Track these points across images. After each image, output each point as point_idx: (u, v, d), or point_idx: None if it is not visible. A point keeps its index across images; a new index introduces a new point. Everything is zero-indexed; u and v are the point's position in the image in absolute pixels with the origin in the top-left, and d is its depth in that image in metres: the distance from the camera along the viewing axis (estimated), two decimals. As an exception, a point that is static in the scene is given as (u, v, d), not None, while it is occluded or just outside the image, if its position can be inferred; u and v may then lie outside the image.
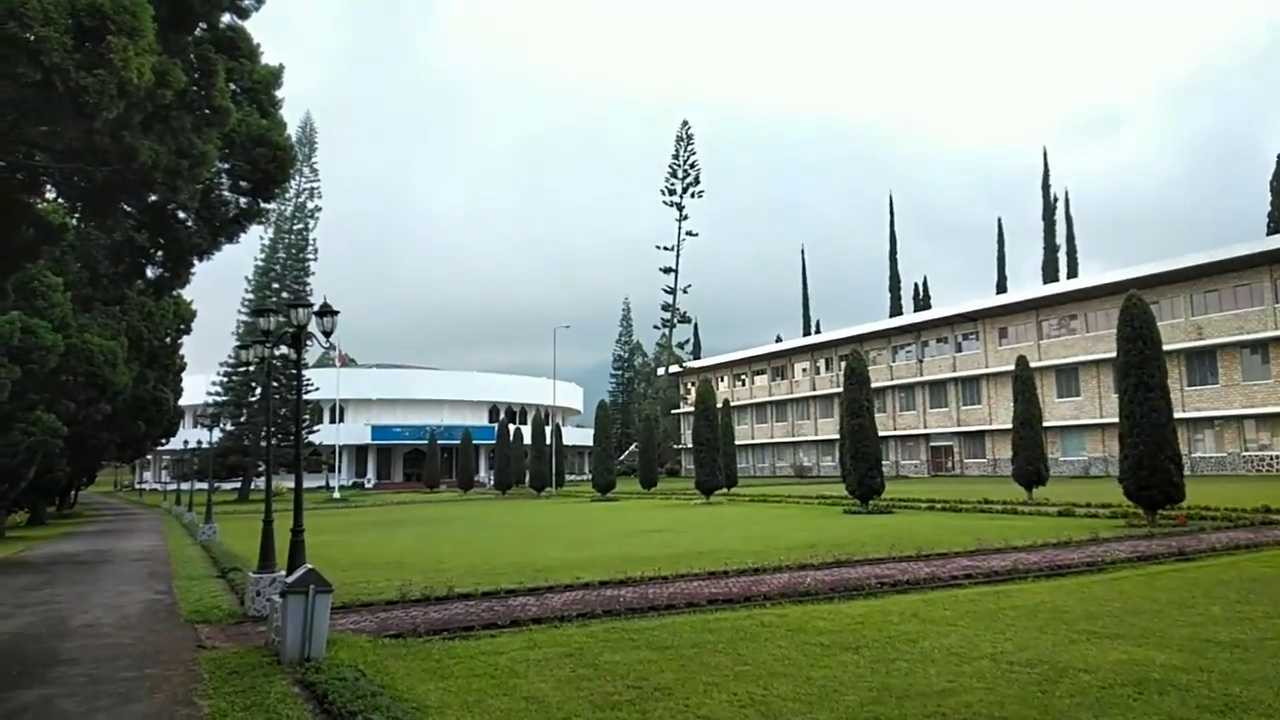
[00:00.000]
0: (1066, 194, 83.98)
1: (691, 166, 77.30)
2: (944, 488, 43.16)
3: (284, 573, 10.41)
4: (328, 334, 8.37)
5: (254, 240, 60.29)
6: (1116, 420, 58.10)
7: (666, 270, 76.88)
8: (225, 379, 58.45)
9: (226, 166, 9.83)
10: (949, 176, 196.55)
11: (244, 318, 59.48)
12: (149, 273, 12.32)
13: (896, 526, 21.19)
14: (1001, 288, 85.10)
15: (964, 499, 29.31)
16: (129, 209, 10.60)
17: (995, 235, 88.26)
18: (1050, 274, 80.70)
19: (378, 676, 6.72)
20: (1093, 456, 57.30)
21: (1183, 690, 6.02)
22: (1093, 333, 57.56)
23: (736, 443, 57.34)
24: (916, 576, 11.80)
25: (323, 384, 63.25)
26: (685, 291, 77.38)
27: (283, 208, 60.77)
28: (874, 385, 71.07)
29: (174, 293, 23.64)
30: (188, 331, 29.28)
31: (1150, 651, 7.25)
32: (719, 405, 39.11)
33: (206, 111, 9.61)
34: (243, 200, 10.40)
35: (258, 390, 58.55)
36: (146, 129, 9.04)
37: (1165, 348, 54.48)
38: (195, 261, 10.88)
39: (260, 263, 60.14)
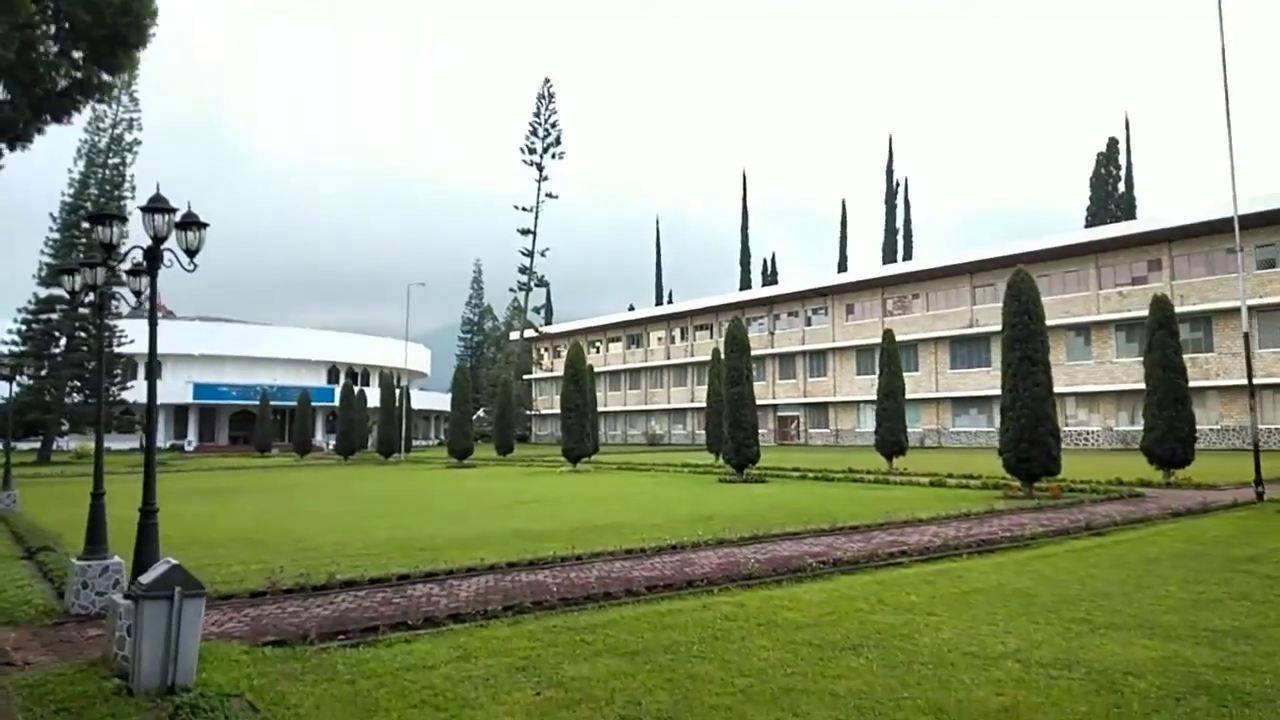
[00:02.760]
0: (905, 181, 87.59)
1: (553, 126, 74.91)
2: (797, 456, 43.90)
3: (117, 559, 8.25)
4: (191, 253, 6.36)
5: (59, 172, 53.08)
6: (950, 395, 60.71)
7: (525, 232, 74.38)
8: (24, 326, 51.39)
9: (54, 9, 7.25)
10: (796, 166, 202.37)
11: (47, 259, 52.40)
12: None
13: (782, 497, 20.69)
14: (843, 267, 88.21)
15: (829, 468, 29.51)
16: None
17: (839, 219, 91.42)
18: (889, 256, 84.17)
19: (277, 714, 4.98)
20: (927, 428, 60.25)
21: (1262, 699, 5.28)
22: (932, 311, 60.26)
23: (593, 410, 56.35)
24: (849, 554, 10.99)
25: (137, 336, 56.93)
26: (543, 255, 75.31)
27: (96, 139, 53.81)
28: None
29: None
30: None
31: (1171, 645, 6.57)
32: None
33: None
34: (77, 71, 7.74)
35: (62, 340, 51.89)
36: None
37: (999, 328, 57.51)
38: (4, 149, 8.17)
39: (68, 199, 53.01)
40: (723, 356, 38.67)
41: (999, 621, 7.46)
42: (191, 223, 6.24)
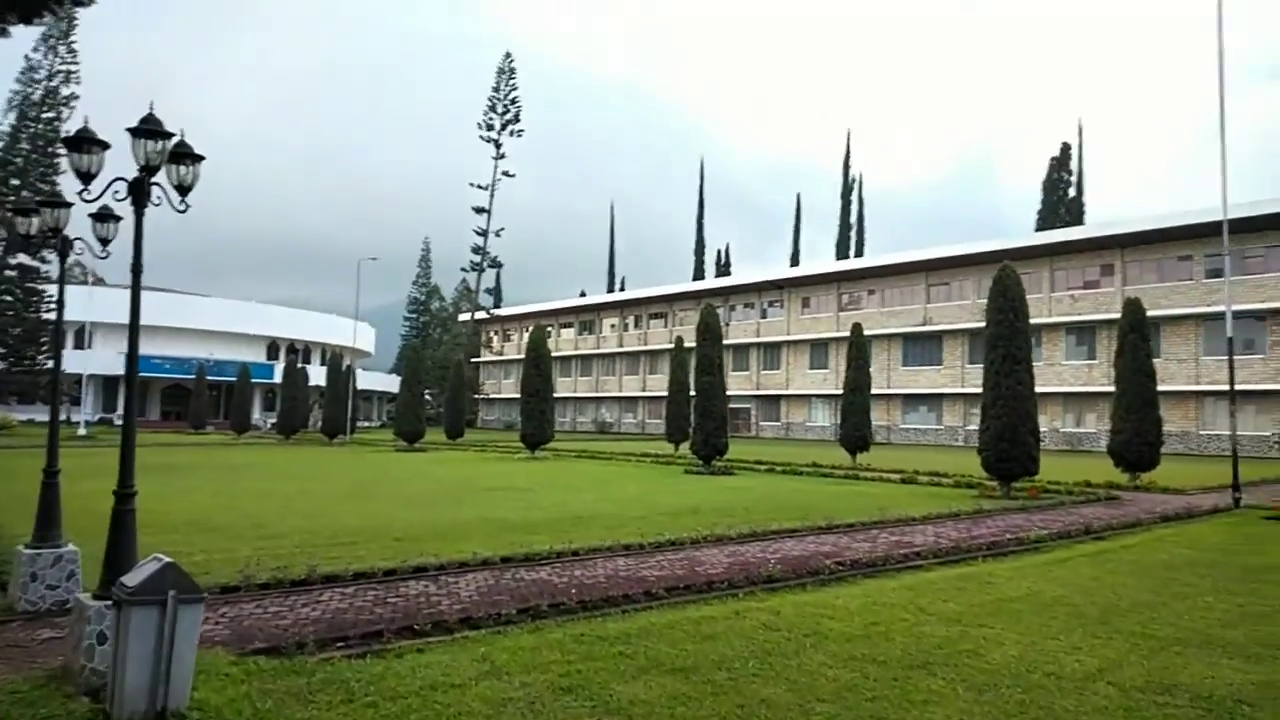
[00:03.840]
0: (860, 177, 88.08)
1: (512, 102, 73.24)
2: (753, 448, 43.66)
3: (71, 547, 7.22)
4: (185, 190, 5.39)
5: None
6: (901, 392, 60.94)
7: (479, 210, 72.69)
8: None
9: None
10: (749, 161, 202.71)
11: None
12: None
13: (758, 490, 20.16)
14: (795, 261, 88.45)
15: (792, 461, 29.15)
16: None
17: (793, 213, 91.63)
18: (843, 251, 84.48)
19: (297, 745, 4.13)
20: (878, 424, 60.54)
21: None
22: (886, 308, 60.57)
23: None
24: (861, 555, 10.44)
25: (69, 302, 54.04)
26: (498, 235, 73.75)
27: (29, 91, 50.72)
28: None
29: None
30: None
31: (1259, 666, 6.10)
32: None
33: None
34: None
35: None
36: None
37: (953, 326, 57.92)
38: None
39: (-5, 153, 49.95)
40: (685, 345, 38.17)
41: (1058, 635, 6.92)
42: (186, 154, 5.27)
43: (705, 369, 26.31)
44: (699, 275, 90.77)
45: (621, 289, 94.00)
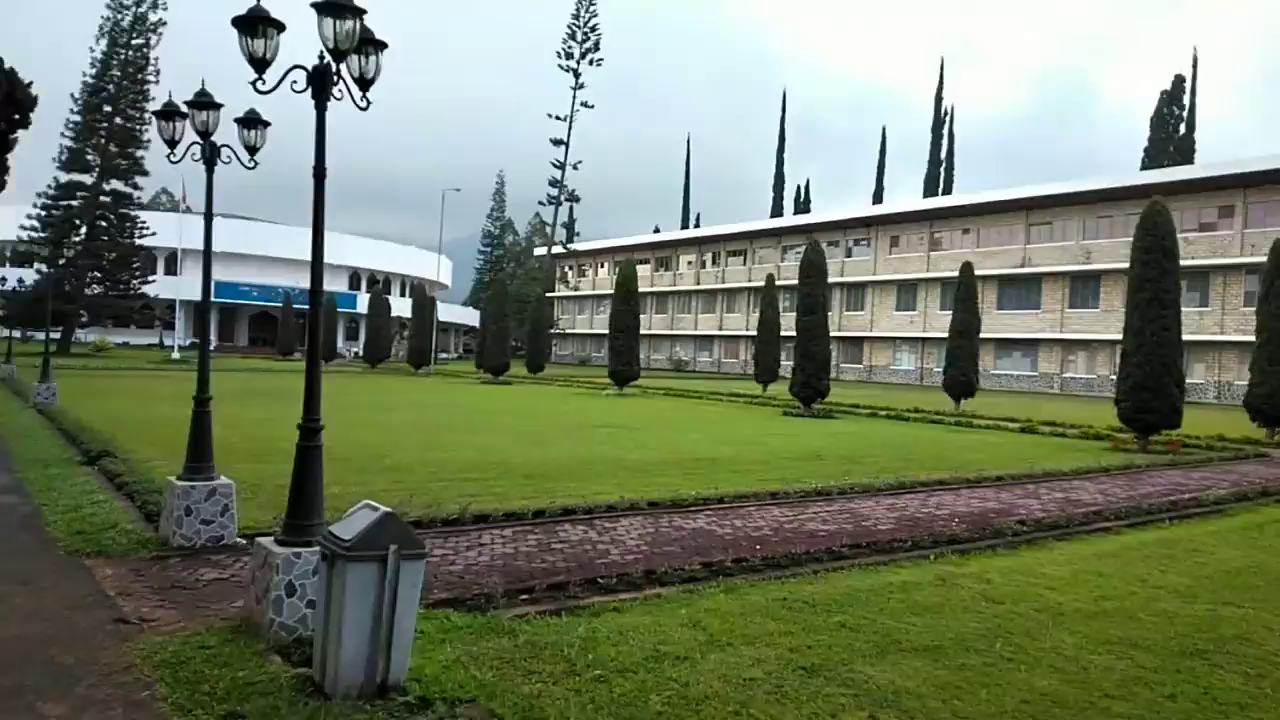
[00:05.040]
0: (952, 109, 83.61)
1: (592, 29, 71.16)
2: (840, 392, 42.38)
3: (226, 480, 6.80)
4: (367, 84, 4.68)
5: (81, 51, 50.54)
6: (994, 336, 58.43)
7: (557, 142, 71.39)
8: (43, 213, 49.51)
9: None
10: (830, 94, 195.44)
11: (68, 142, 50.17)
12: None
13: (873, 435, 19.28)
14: (878, 198, 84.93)
15: (892, 405, 28.00)
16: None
17: (876, 149, 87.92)
18: (932, 188, 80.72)
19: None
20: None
21: None
22: (983, 248, 57.86)
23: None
24: (1037, 514, 9.54)
25: (161, 229, 55.20)
26: (575, 168, 72.42)
27: (119, 17, 50.96)
28: (755, 285, 69.83)
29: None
30: (24, 125, 20.14)
31: None
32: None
33: None
34: None
35: (82, 228, 50.10)
36: None
37: (1054, 269, 55.29)
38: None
39: (89, 80, 50.47)
40: (775, 282, 37.02)
41: (1336, 622, 5.98)
42: (368, 40, 4.55)
43: (809, 308, 25.25)
44: (777, 212, 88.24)
45: (696, 225, 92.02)
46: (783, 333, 35.66)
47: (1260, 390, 21.64)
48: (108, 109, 50.44)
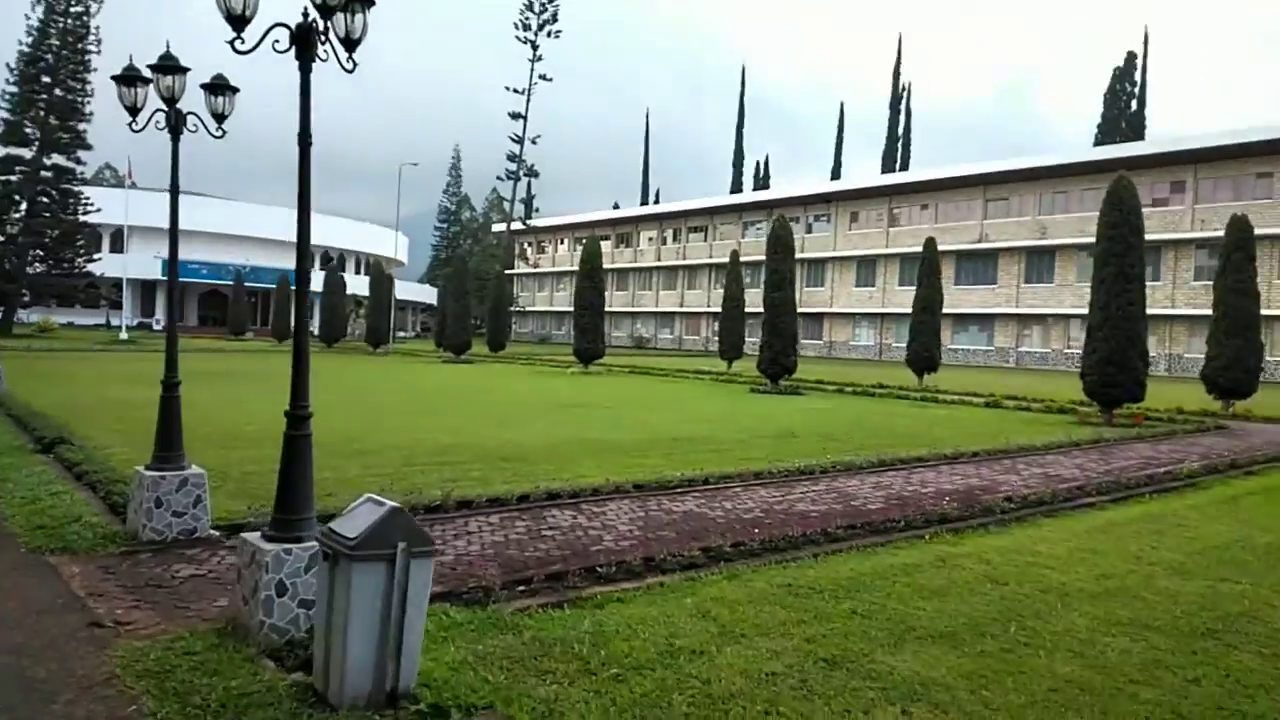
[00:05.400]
0: (910, 86, 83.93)
1: (550, 1, 70.03)
2: (804, 367, 42.57)
3: (198, 470, 6.46)
4: (353, 43, 4.35)
5: (15, 19, 48.25)
6: (952, 312, 58.95)
7: (515, 116, 70.33)
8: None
9: None
10: (787, 72, 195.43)
11: (5, 114, 48.02)
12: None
13: (843, 412, 19.30)
14: (837, 174, 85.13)
15: (857, 381, 28.11)
16: None
17: (834, 126, 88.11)
18: (889, 164, 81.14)
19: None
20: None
21: None
22: (940, 224, 58.30)
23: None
24: (1020, 490, 9.53)
25: (105, 205, 53.24)
26: (534, 142, 71.47)
27: (56, -18, 48.71)
28: (717, 261, 69.64)
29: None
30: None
31: None
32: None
33: None
34: None
35: (23, 204, 48.08)
36: None
37: (1010, 244, 55.99)
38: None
39: (26, 49, 48.20)
40: (740, 259, 36.97)
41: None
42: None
43: (776, 284, 25.15)
44: (737, 189, 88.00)
45: (656, 202, 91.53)
46: (746, 309, 35.66)
47: (1217, 363, 22.05)
48: (46, 80, 48.29)
